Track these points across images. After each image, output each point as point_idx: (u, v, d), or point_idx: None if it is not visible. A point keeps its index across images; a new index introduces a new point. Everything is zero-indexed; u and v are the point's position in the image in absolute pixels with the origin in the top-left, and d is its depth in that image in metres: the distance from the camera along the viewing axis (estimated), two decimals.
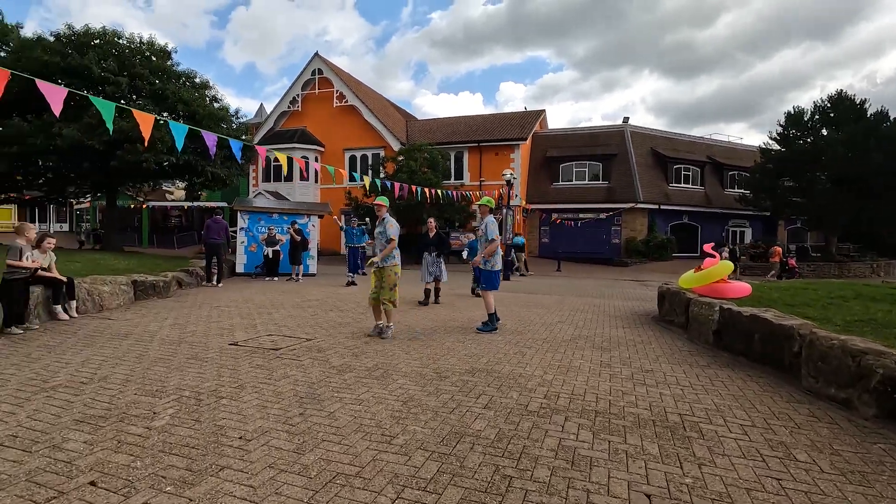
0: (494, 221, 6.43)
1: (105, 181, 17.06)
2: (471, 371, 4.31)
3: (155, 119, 5.39)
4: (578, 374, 4.30)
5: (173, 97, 15.62)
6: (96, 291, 6.79)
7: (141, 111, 5.34)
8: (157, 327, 5.82)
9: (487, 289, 6.37)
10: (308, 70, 28.89)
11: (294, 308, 7.72)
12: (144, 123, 5.30)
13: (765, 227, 30.27)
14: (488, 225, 6.37)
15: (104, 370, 4.01)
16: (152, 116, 5.37)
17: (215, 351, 4.74)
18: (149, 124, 5.30)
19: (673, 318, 7.10)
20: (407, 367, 4.39)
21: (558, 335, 6.16)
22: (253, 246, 13.96)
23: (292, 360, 4.51)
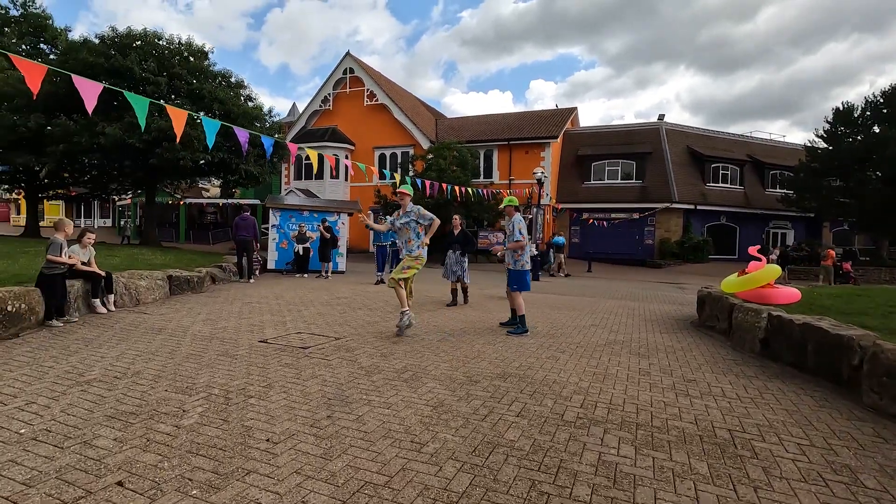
0: (522, 220, 6.28)
1: (145, 178, 17.63)
2: (502, 375, 4.16)
3: (189, 116, 5.42)
4: (616, 382, 4.10)
5: (209, 96, 15.99)
6: (133, 286, 6.94)
7: (175, 108, 5.40)
8: (190, 322, 5.89)
9: (518, 289, 6.21)
10: (339, 69, 29.18)
11: (323, 306, 7.72)
12: (178, 120, 5.35)
13: (808, 228, 28.92)
14: (515, 223, 6.22)
15: (137, 365, 4.05)
16: (185, 112, 5.42)
17: (245, 348, 4.74)
18: (182, 120, 5.35)
19: (714, 324, 6.76)
20: (436, 369, 4.28)
21: (592, 339, 5.93)
22: (284, 243, 14.14)
23: (321, 359, 4.45)
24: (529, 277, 6.37)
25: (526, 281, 6.25)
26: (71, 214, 38.85)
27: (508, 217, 6.43)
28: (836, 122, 23.37)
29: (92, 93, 4.79)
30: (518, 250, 6.22)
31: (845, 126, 23.03)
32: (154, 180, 17.87)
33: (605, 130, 29.37)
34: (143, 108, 5.13)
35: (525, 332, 6.01)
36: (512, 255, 6.29)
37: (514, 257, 6.27)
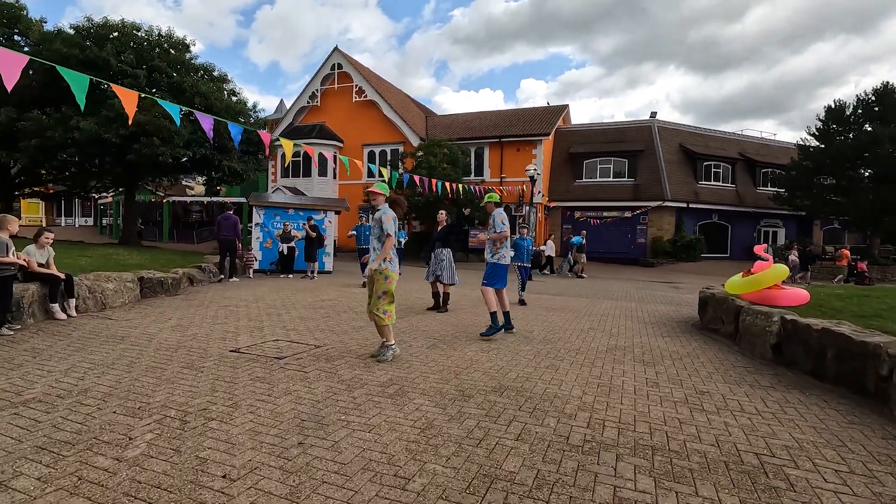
0: (503, 213, 5.93)
1: (124, 175, 17.00)
2: (498, 389, 3.76)
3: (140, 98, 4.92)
4: (623, 396, 3.72)
5: (191, 90, 15.41)
6: (99, 289, 6.44)
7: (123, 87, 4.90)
8: (158, 329, 5.42)
9: (488, 285, 5.82)
10: (327, 65, 28.59)
11: (306, 309, 7.28)
12: (128, 101, 4.83)
13: (799, 227, 28.92)
14: (496, 216, 5.86)
15: (88, 380, 3.59)
16: (135, 94, 4.92)
17: (214, 359, 4.29)
18: (132, 102, 4.84)
19: (718, 328, 6.43)
20: (425, 382, 3.87)
21: (593, 345, 5.56)
22: (268, 242, 13.63)
23: (297, 371, 4.02)
24: (506, 273, 5.97)
25: (499, 276, 5.88)
26: (51, 213, 37.86)
27: (489, 213, 6.06)
28: (828, 119, 23.31)
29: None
30: (497, 243, 5.86)
31: (838, 124, 22.96)
32: (134, 177, 17.24)
33: (597, 128, 29.12)
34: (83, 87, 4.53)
35: (499, 330, 5.68)
36: (490, 247, 5.94)
37: (493, 250, 5.91)
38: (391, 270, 4.48)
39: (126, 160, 14.72)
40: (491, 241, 5.91)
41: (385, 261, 4.44)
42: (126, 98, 4.82)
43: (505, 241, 5.85)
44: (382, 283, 4.45)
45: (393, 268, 4.49)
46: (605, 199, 25.98)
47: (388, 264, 4.46)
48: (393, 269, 4.49)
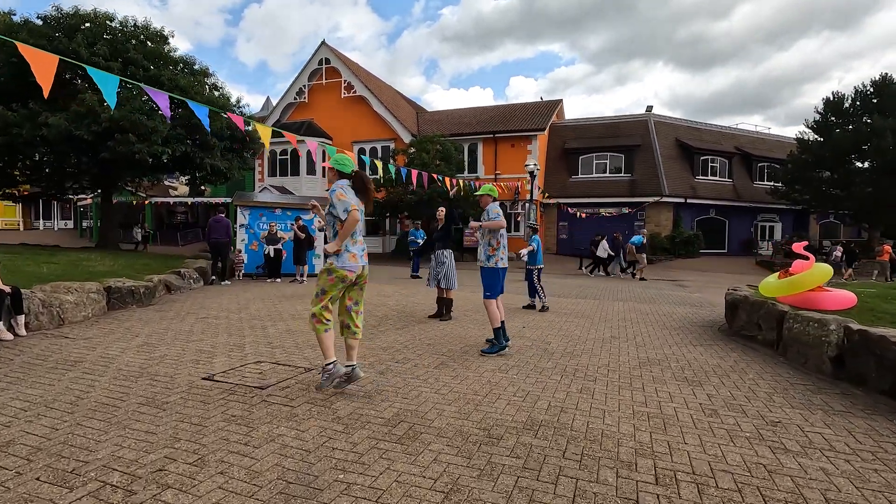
0: (497, 207, 5.15)
1: (100, 175, 16.02)
2: (530, 425, 3.07)
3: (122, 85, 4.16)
4: (683, 431, 3.05)
5: (169, 83, 14.48)
6: (56, 302, 5.64)
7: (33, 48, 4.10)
8: (120, 350, 4.65)
9: (491, 296, 4.99)
10: (315, 59, 27.70)
11: (294, 320, 6.53)
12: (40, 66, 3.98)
13: (796, 221, 28.66)
14: (490, 209, 5.09)
15: (15, 427, 2.83)
16: (54, 57, 4.12)
17: (181, 390, 3.54)
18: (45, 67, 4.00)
19: (754, 334, 5.80)
20: (440, 417, 3.17)
21: (622, 359, 4.90)
22: (254, 244, 12.83)
23: (283, 405, 3.30)
24: (503, 279, 5.21)
25: (497, 283, 5.07)
26: (28, 216, 36.49)
27: (483, 206, 5.26)
28: (827, 112, 22.95)
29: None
30: (493, 241, 5.05)
31: (836, 116, 22.62)
32: (110, 177, 16.26)
33: (593, 123, 28.57)
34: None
35: (502, 350, 4.92)
36: (485, 249, 5.09)
37: (488, 252, 5.07)
38: (336, 265, 3.50)
39: (100, 159, 13.78)
40: (485, 238, 5.10)
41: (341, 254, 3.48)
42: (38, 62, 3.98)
43: (502, 240, 5.10)
44: (325, 277, 3.52)
45: (340, 263, 3.50)
46: (601, 196, 25.42)
47: (334, 258, 3.51)
48: (340, 265, 3.49)
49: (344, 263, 3.52)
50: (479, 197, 5.28)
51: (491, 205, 5.14)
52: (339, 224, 3.52)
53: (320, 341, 3.59)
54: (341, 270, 3.52)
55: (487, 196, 5.23)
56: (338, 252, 3.50)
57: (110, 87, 4.41)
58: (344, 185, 3.61)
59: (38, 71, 3.86)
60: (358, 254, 3.59)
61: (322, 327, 3.54)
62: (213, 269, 10.81)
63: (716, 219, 26.87)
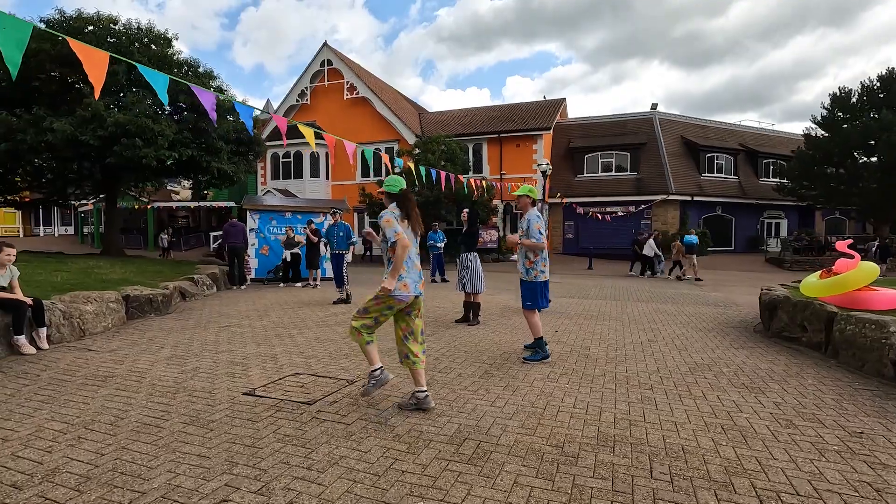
0: (540, 217, 4.85)
1: (104, 180, 15.81)
2: (604, 440, 2.89)
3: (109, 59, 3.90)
4: (767, 445, 2.87)
5: (173, 86, 14.28)
6: (76, 312, 5.44)
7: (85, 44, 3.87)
8: (150, 363, 4.45)
9: (531, 307, 4.80)
10: (316, 61, 27.52)
11: (319, 327, 6.34)
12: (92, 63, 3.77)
13: (801, 217, 28.58)
14: (532, 221, 4.75)
15: (57, 453, 2.64)
16: (105, 54, 3.91)
17: (224, 407, 3.35)
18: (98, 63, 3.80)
19: (798, 336, 5.62)
20: (505, 433, 2.98)
21: (669, 364, 4.72)
22: (265, 248, 12.63)
23: (336, 422, 3.11)
24: (547, 291, 4.95)
25: (540, 295, 4.84)
26: (28, 222, 36.20)
27: (522, 212, 4.99)
28: (833, 107, 22.84)
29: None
30: (531, 254, 4.81)
31: (843, 111, 22.50)
32: (114, 182, 16.04)
33: (597, 121, 28.42)
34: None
35: (545, 359, 4.71)
36: (524, 261, 4.85)
37: (526, 265, 4.82)
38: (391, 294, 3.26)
39: (106, 164, 13.57)
40: (523, 251, 4.90)
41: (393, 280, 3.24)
42: (90, 60, 3.78)
43: (541, 253, 4.87)
44: (372, 298, 3.33)
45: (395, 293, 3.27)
46: (607, 194, 25.25)
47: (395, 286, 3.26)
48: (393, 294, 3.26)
49: (395, 292, 3.26)
50: (517, 198, 5.03)
51: (531, 212, 4.85)
52: (391, 251, 3.30)
53: (364, 351, 3.39)
54: (389, 299, 3.28)
55: (526, 198, 4.93)
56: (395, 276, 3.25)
57: (161, 85, 4.27)
58: (392, 209, 3.39)
59: (90, 68, 3.68)
60: (411, 282, 3.32)
61: (363, 339, 3.34)
62: (231, 274, 10.90)
63: (722, 216, 26.74)
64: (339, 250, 9.15)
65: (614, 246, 24.70)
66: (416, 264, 3.42)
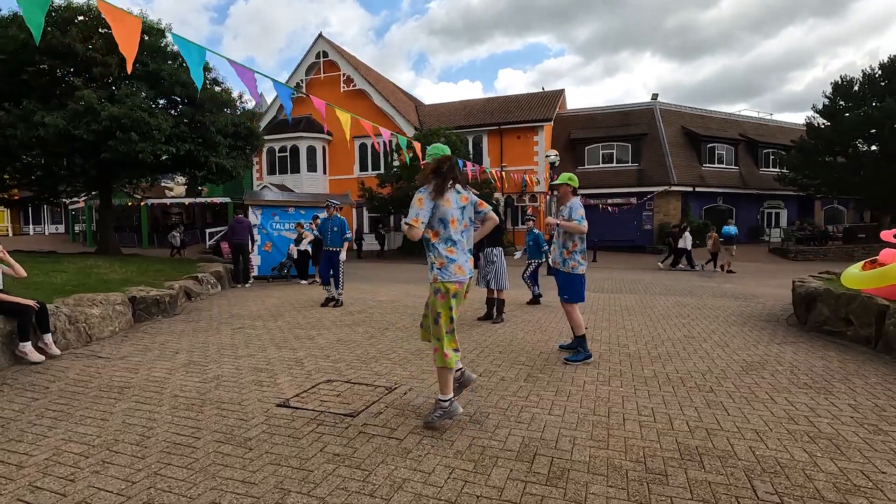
0: (582, 207, 4.58)
1: (98, 177, 15.32)
2: (688, 454, 2.62)
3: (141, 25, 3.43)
4: (867, 456, 2.61)
5: (170, 79, 13.81)
6: (82, 316, 5.09)
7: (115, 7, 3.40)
8: (167, 371, 4.12)
9: (571, 301, 4.51)
10: (312, 53, 27.00)
11: (338, 327, 6.03)
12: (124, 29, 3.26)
13: (801, 207, 28.55)
14: (573, 209, 4.46)
15: (81, 481, 2.32)
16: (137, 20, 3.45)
17: (259, 422, 3.04)
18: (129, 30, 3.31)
19: (841, 330, 5.40)
20: (576, 447, 2.70)
21: (718, 362, 4.47)
22: (268, 245, 12.25)
23: (387, 437, 2.81)
24: (584, 284, 4.66)
25: (580, 288, 4.57)
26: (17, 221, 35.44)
27: (562, 201, 4.67)
28: (835, 96, 22.70)
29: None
30: (570, 243, 4.52)
31: (846, 100, 22.37)
32: (109, 178, 15.55)
33: (598, 112, 28.18)
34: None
35: (588, 359, 4.44)
36: (561, 250, 4.56)
37: (564, 254, 4.53)
38: (448, 278, 2.89)
39: (100, 159, 13.10)
40: (560, 240, 4.63)
41: (437, 266, 2.90)
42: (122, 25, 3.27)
43: (580, 244, 4.60)
44: (433, 299, 2.94)
45: (448, 275, 2.88)
46: (609, 186, 25.04)
47: (438, 272, 2.89)
48: (449, 277, 2.88)
49: (450, 276, 2.89)
50: (556, 187, 4.74)
51: (574, 201, 4.58)
52: (427, 230, 2.93)
53: (442, 375, 2.94)
54: (449, 283, 2.89)
55: (567, 185, 4.65)
56: (439, 265, 2.91)
57: (196, 59, 3.80)
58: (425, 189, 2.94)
59: (121, 35, 3.25)
60: (464, 264, 2.98)
61: (452, 360, 2.90)
62: (236, 271, 10.60)
63: (723, 207, 26.62)
64: (333, 247, 8.06)
65: (616, 238, 24.52)
66: (464, 241, 3.03)
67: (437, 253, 2.92)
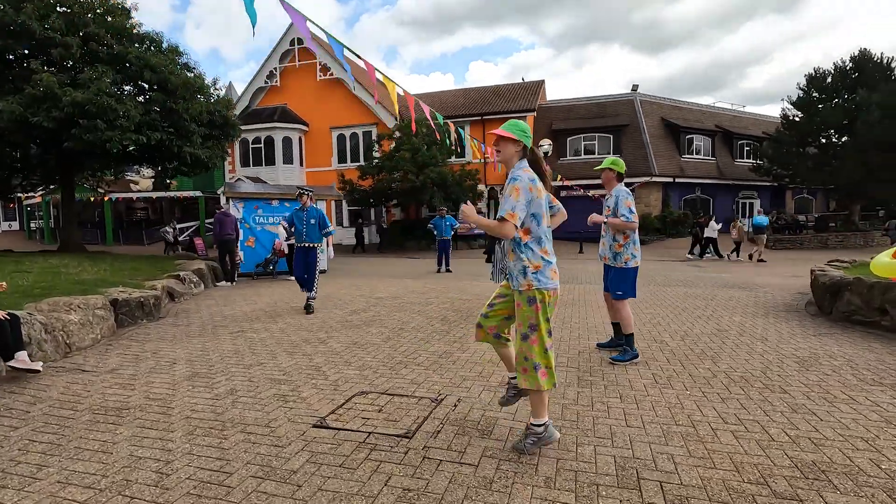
0: (629, 194, 4.21)
1: (59, 169, 14.17)
2: (809, 471, 2.29)
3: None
4: None
5: (137, 63, 12.79)
6: (59, 324, 4.45)
7: None
8: (168, 386, 3.57)
9: (626, 296, 4.18)
10: (286, 40, 25.87)
11: (347, 328, 5.54)
12: None
13: (773, 196, 29.29)
14: (620, 198, 4.12)
15: None
16: None
17: (298, 448, 2.57)
18: None
19: (874, 319, 5.24)
20: (680, 467, 2.34)
21: (766, 357, 4.20)
22: (251, 240, 11.55)
23: (457, 462, 2.39)
24: (636, 278, 4.35)
25: (633, 283, 4.27)
26: None
27: (607, 187, 4.34)
28: (809, 88, 23.19)
29: None
30: (620, 236, 4.19)
31: (819, 92, 22.89)
32: (72, 170, 14.40)
33: (579, 103, 28.07)
34: None
35: (635, 358, 4.11)
36: (611, 244, 4.26)
37: (615, 248, 4.21)
38: (545, 285, 2.43)
39: (63, 149, 12.05)
40: (610, 233, 4.29)
41: (531, 270, 2.41)
42: None
43: (632, 235, 4.26)
44: (527, 309, 2.45)
45: (545, 280, 2.43)
46: (590, 177, 24.93)
47: (533, 277, 2.42)
48: (546, 283, 2.44)
49: (547, 281, 2.44)
50: (600, 172, 4.35)
51: (619, 188, 4.20)
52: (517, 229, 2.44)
53: (536, 397, 2.49)
54: (546, 290, 2.44)
55: (610, 171, 4.25)
56: (535, 268, 2.44)
57: None
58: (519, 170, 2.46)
59: None
60: (556, 267, 2.55)
61: (548, 381, 2.45)
62: (223, 267, 9.97)
63: (701, 197, 27.01)
64: (309, 243, 6.72)
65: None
66: None
67: (531, 254, 2.45)
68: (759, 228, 15.89)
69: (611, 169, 4.25)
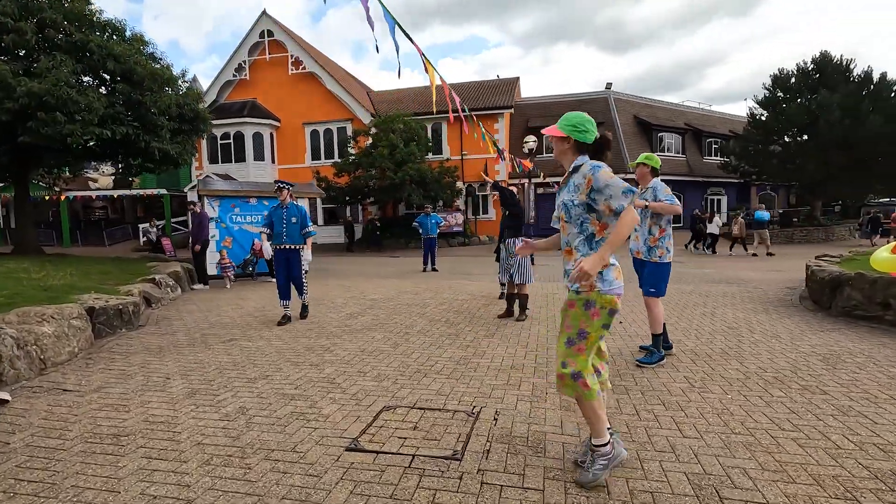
0: (666, 186, 4.11)
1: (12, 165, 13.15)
2: (893, 481, 2.17)
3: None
4: None
5: (99, 52, 11.97)
6: (31, 337, 3.98)
7: None
8: (167, 405, 3.20)
9: (655, 294, 4.04)
10: (255, 32, 24.96)
11: (349, 333, 5.23)
12: None
13: (739, 192, 30.25)
14: (658, 190, 4.00)
15: None
16: None
17: (337, 478, 2.29)
18: None
19: (877, 314, 5.30)
20: (760, 483, 2.19)
21: (791, 357, 4.15)
22: (227, 240, 10.97)
23: (520, 487, 2.16)
24: (668, 275, 4.29)
25: (666, 280, 4.13)
26: None
27: (641, 182, 4.21)
28: (774, 88, 23.97)
29: None
30: (655, 229, 4.01)
31: (783, 92, 23.69)
32: (28, 166, 13.38)
33: (554, 101, 28.21)
34: None
35: (662, 360, 3.97)
36: (646, 238, 4.08)
37: (650, 241, 4.05)
38: (610, 289, 2.18)
39: (17, 144, 11.16)
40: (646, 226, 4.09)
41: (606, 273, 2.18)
42: None
43: (667, 228, 4.13)
44: (580, 313, 2.20)
45: (610, 283, 2.18)
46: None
47: (597, 278, 2.17)
48: (611, 287, 2.19)
49: (612, 286, 2.19)
50: (634, 168, 4.22)
51: (655, 182, 4.08)
52: (594, 223, 2.22)
53: (589, 411, 2.21)
54: (609, 296, 2.18)
55: (644, 166, 4.13)
56: (606, 265, 2.16)
57: None
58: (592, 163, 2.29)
59: None
60: (619, 266, 2.28)
61: (591, 392, 2.17)
62: (201, 271, 9.52)
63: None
64: (290, 244, 6.02)
65: None
66: None
67: (590, 258, 2.14)
68: (761, 223, 16.32)
69: (645, 164, 4.15)
